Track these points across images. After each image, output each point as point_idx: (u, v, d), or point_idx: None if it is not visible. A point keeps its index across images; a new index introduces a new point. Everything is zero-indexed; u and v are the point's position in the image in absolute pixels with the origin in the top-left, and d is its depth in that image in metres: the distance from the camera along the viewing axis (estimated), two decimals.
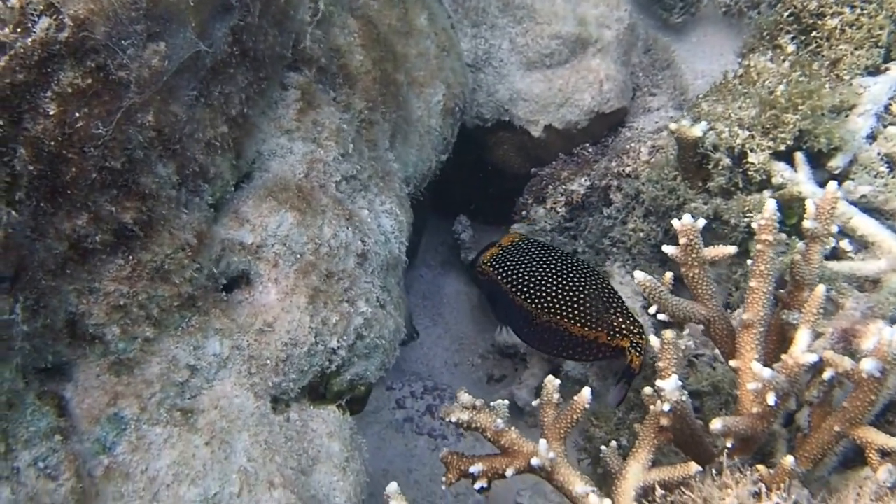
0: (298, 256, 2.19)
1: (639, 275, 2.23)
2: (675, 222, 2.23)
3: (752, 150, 2.82)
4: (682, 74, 4.32)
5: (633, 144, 3.48)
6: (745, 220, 2.83)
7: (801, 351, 2.03)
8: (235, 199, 2.18)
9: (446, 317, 4.28)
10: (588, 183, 3.57)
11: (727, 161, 2.84)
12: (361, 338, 2.29)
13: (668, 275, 2.33)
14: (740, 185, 2.88)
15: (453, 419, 2.23)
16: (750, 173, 2.83)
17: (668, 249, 2.27)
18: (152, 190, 1.82)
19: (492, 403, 2.30)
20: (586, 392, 2.25)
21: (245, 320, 2.09)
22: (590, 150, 3.82)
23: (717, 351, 2.65)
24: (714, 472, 2.13)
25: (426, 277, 4.46)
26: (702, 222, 2.23)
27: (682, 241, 2.23)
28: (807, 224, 2.30)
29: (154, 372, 1.92)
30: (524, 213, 3.76)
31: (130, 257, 1.84)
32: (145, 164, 1.79)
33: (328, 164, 2.36)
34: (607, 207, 3.42)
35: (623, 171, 3.42)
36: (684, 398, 2.15)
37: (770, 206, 2.18)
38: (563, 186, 3.62)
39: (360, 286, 2.30)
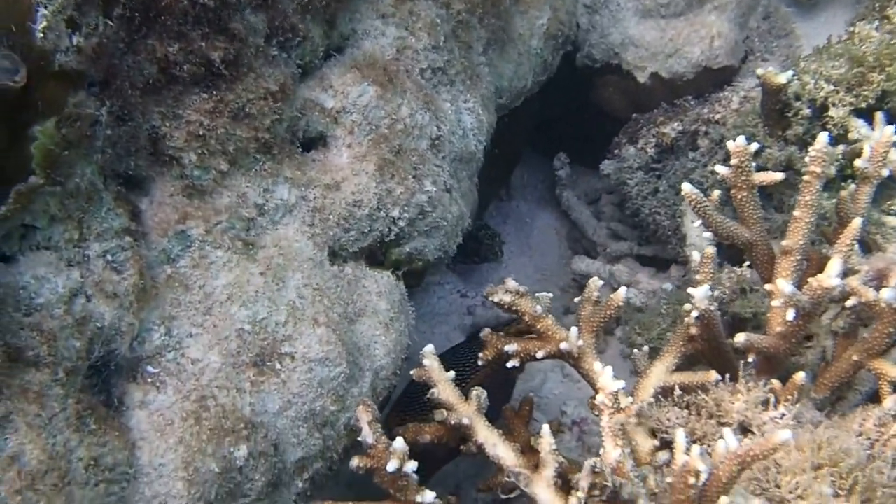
0: (374, 128, 2.26)
1: (686, 186, 2.23)
2: (729, 143, 2.23)
3: (833, 105, 2.75)
4: (800, 46, 4.20)
5: (726, 94, 3.44)
6: None
7: (828, 276, 2.00)
8: (323, 67, 2.26)
9: (533, 248, 4.31)
10: (680, 127, 3.53)
11: (807, 111, 2.78)
12: (424, 215, 2.35)
13: (716, 193, 2.32)
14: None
15: (496, 299, 2.29)
16: (828, 126, 2.76)
17: (719, 169, 2.26)
18: (241, 34, 1.91)
19: (536, 294, 2.34)
20: (622, 291, 2.27)
21: (315, 175, 2.18)
22: (691, 102, 3.77)
23: None
24: (729, 380, 2.14)
25: (521, 209, 4.50)
26: (755, 146, 2.22)
27: (733, 161, 2.22)
28: (858, 163, 2.26)
29: (223, 202, 2.02)
30: (616, 151, 3.74)
31: (215, 93, 1.94)
32: (236, 8, 1.88)
33: (417, 52, 2.41)
34: (693, 151, 3.40)
35: (713, 117, 3.38)
36: (713, 308, 2.15)
37: (822, 138, 2.15)
38: (656, 129, 3.59)
39: (428, 167, 2.35)
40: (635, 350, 2.41)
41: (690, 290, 2.14)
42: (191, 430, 1.84)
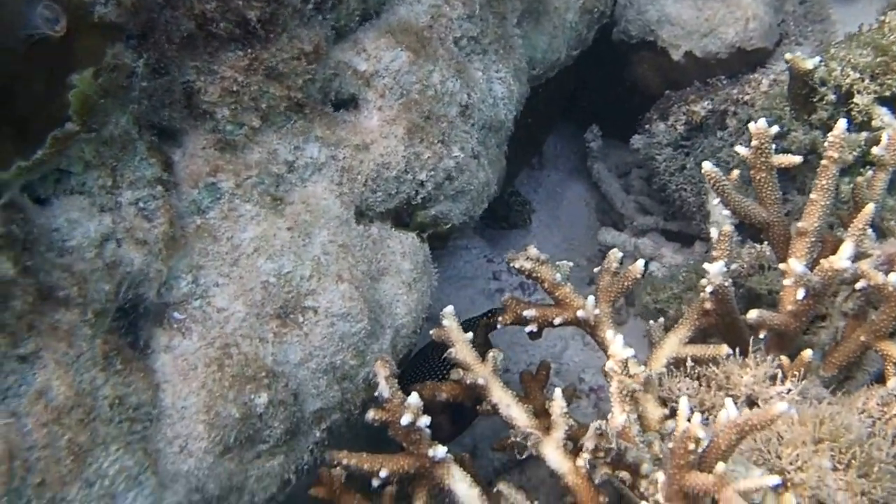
0: (405, 92, 2.28)
1: (706, 165, 2.24)
2: (750, 125, 2.23)
3: (858, 92, 2.75)
4: (835, 32, 4.16)
5: (757, 76, 3.43)
6: None
7: (840, 258, 2.01)
8: (358, 31, 2.28)
9: (562, 218, 4.33)
10: (710, 106, 3.53)
11: (832, 97, 2.78)
12: (451, 179, 2.37)
13: (735, 172, 2.33)
14: None
15: (517, 265, 2.31)
16: (853, 113, 2.76)
17: (739, 150, 2.27)
18: None
19: (557, 263, 2.36)
20: (639, 264, 2.29)
21: (345, 136, 2.20)
22: (723, 82, 3.75)
23: None
24: (740, 354, 2.16)
25: (552, 179, 4.51)
26: (775, 129, 2.22)
27: (753, 143, 2.22)
28: (875, 151, 2.27)
29: (254, 158, 2.05)
30: (647, 126, 3.75)
31: (250, 51, 1.96)
32: None
33: (451, 21, 2.42)
34: (721, 130, 3.41)
35: (742, 98, 3.38)
36: (727, 284, 2.16)
37: (841, 124, 2.15)
38: (687, 107, 3.59)
39: (457, 133, 2.37)
40: (651, 321, 2.43)
41: (706, 265, 2.15)
42: (213, 375, 1.88)
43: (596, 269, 2.39)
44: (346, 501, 2.08)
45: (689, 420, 1.58)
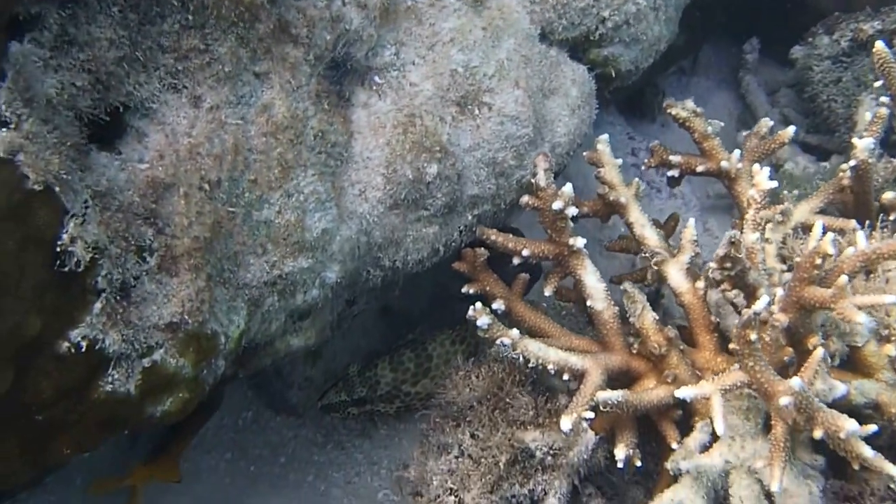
0: None
1: (878, 44, 2.32)
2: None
3: None
4: None
5: None
6: None
7: None
8: None
9: None
10: (879, 26, 3.54)
11: None
12: (628, 24, 2.51)
13: None
14: None
15: (673, 112, 2.46)
16: None
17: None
18: None
19: (709, 121, 2.50)
20: (790, 130, 2.40)
21: None
22: None
23: None
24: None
25: (701, 86, 4.56)
26: None
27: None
28: None
29: None
30: (810, 39, 3.78)
31: None
32: None
33: None
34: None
35: None
36: (871, 161, 2.26)
37: None
38: (855, 24, 3.61)
39: None
40: (786, 192, 2.55)
41: (854, 139, 2.26)
42: (398, 136, 2.10)
43: (744, 133, 2.52)
44: (483, 279, 2.30)
45: (821, 239, 1.73)
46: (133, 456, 2.83)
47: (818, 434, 1.69)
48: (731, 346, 1.78)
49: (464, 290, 2.31)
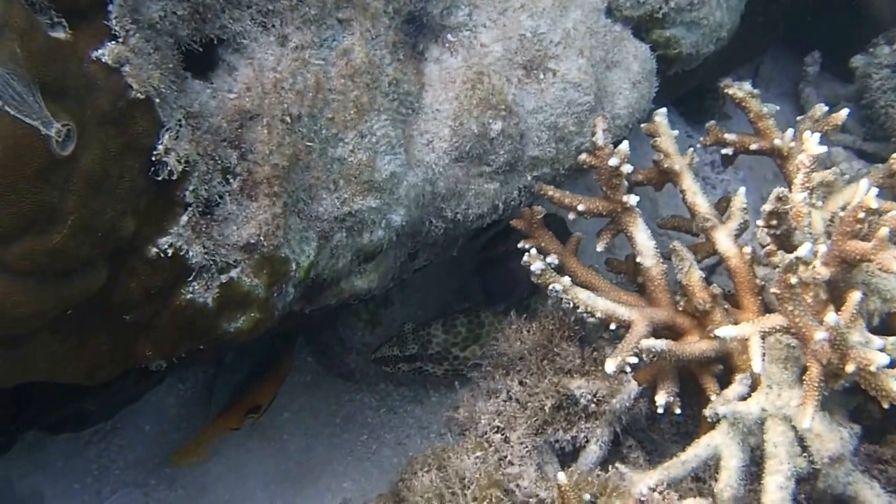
0: None
1: None
2: None
3: None
4: None
5: None
6: None
7: None
8: None
9: None
10: None
11: None
12: (692, 7, 2.60)
13: None
14: None
15: (730, 92, 2.54)
16: None
17: None
18: None
19: (765, 104, 2.57)
20: (844, 112, 2.46)
21: None
22: None
23: None
24: None
25: (762, 97, 4.57)
26: None
27: None
28: None
29: None
30: (871, 49, 3.85)
31: None
32: None
33: None
34: None
35: None
36: None
37: None
38: None
39: None
40: (835, 167, 2.61)
41: None
42: (466, 92, 2.22)
43: (799, 117, 2.59)
44: (539, 235, 2.39)
45: (865, 194, 1.81)
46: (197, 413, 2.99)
47: (850, 368, 1.75)
48: (772, 289, 1.85)
49: (520, 244, 2.40)
